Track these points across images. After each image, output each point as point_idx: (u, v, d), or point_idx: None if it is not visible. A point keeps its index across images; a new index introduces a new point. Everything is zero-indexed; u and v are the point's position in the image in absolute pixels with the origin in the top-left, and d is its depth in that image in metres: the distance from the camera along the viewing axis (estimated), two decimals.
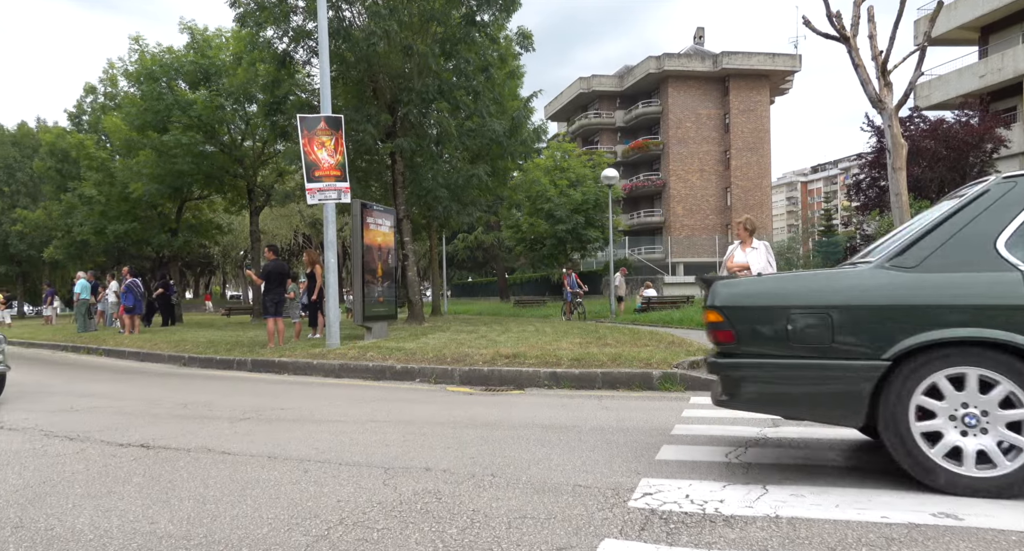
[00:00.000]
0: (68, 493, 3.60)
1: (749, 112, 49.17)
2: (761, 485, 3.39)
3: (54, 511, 3.27)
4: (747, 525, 2.82)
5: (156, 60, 22.86)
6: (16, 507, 3.36)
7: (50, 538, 2.89)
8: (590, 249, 32.37)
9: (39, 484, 3.81)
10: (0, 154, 39.38)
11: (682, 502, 3.13)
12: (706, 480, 3.51)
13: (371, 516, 3.06)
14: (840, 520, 2.85)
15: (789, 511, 2.97)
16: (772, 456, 4.01)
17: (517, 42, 18.43)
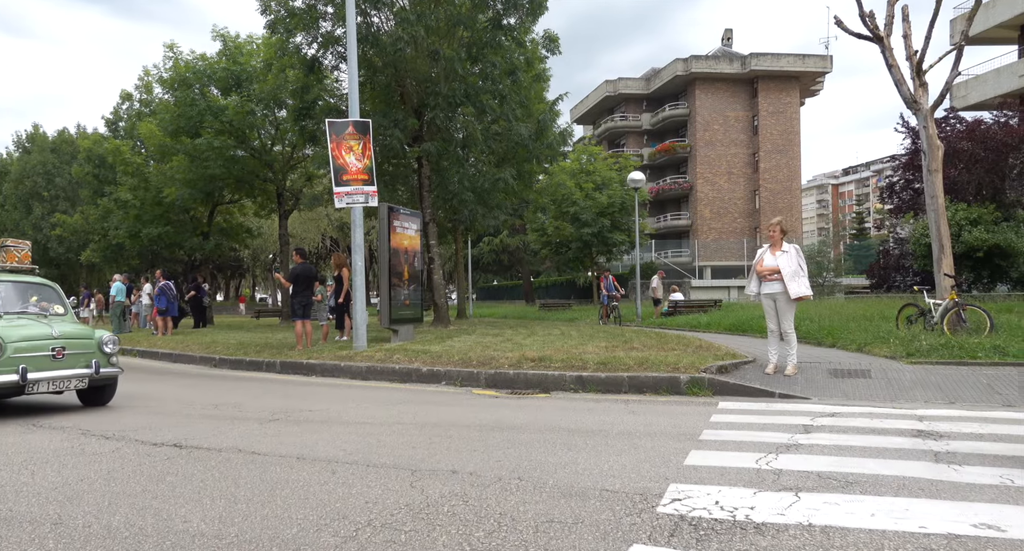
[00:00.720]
0: (104, 491, 3.68)
1: (778, 114, 48.53)
2: (793, 492, 3.33)
3: (91, 508, 3.34)
4: (779, 533, 2.77)
5: (189, 67, 23.35)
6: (55, 504, 3.44)
7: (87, 535, 2.95)
8: (616, 253, 32.16)
9: (77, 482, 3.90)
10: (40, 160, 40.53)
11: (712, 508, 3.09)
12: (736, 486, 3.45)
13: (399, 518, 3.07)
14: (876, 530, 2.78)
15: (823, 519, 2.91)
16: (804, 463, 3.93)
17: (543, 45, 18.44)
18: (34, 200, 40.35)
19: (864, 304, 19.03)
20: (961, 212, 21.55)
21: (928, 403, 6.15)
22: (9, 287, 7.22)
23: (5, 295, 7.13)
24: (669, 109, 50.83)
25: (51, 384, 6.32)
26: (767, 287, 7.75)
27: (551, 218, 31.06)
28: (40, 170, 40.10)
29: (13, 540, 2.90)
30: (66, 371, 6.43)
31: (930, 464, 3.86)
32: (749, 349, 10.01)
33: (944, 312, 10.44)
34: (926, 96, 11.95)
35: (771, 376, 7.59)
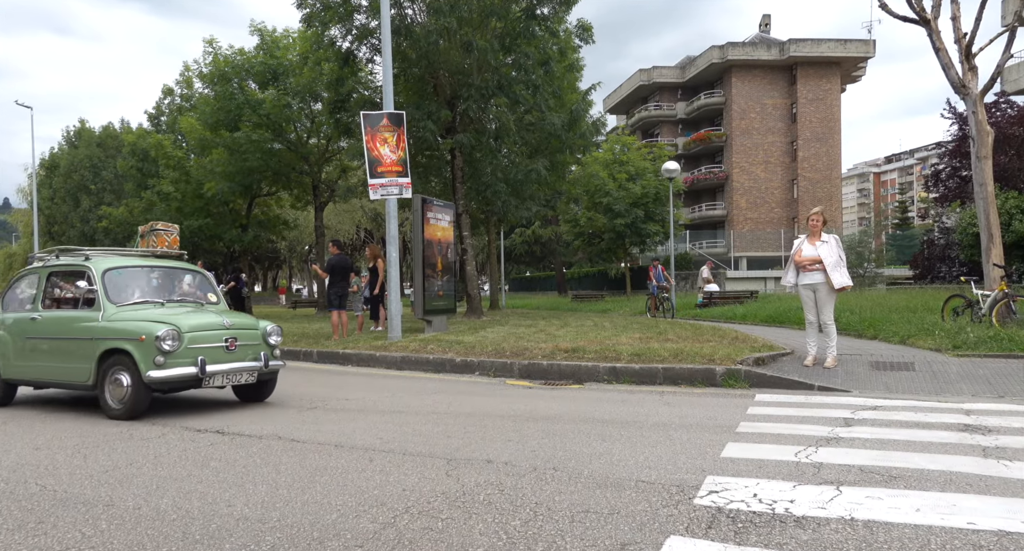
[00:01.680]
0: (152, 475, 3.80)
1: (818, 101, 47.31)
2: (834, 486, 3.27)
3: (140, 491, 3.46)
4: (820, 527, 2.72)
5: (228, 62, 23.77)
6: (107, 487, 3.56)
7: (137, 517, 3.05)
8: (649, 244, 31.83)
9: (126, 466, 4.03)
10: (87, 154, 41.76)
11: (750, 501, 3.05)
12: (775, 479, 3.41)
13: (435, 506, 3.11)
14: (922, 525, 2.72)
15: (865, 513, 2.86)
16: (845, 456, 3.86)
17: (577, 34, 18.27)
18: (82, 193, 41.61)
19: (907, 295, 18.52)
20: (1012, 200, 20.79)
21: (976, 397, 5.97)
22: (165, 273, 6.75)
23: (162, 281, 6.67)
24: (704, 97, 49.97)
25: (225, 378, 5.88)
26: (806, 278, 7.60)
27: (584, 209, 30.87)
28: (87, 164, 41.32)
29: (68, 520, 3.02)
30: (239, 363, 5.97)
31: (978, 459, 3.76)
32: (787, 341, 9.84)
33: (993, 303, 10.11)
34: (975, 80, 11.52)
35: (810, 368, 7.45)
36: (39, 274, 6.68)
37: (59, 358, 6.14)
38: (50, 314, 6.37)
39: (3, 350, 6.60)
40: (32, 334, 6.37)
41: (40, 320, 6.36)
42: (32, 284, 6.72)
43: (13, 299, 6.91)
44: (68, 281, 6.53)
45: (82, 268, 6.30)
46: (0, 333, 6.68)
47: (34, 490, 3.52)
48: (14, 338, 6.53)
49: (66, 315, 6.24)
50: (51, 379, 6.29)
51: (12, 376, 6.56)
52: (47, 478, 3.76)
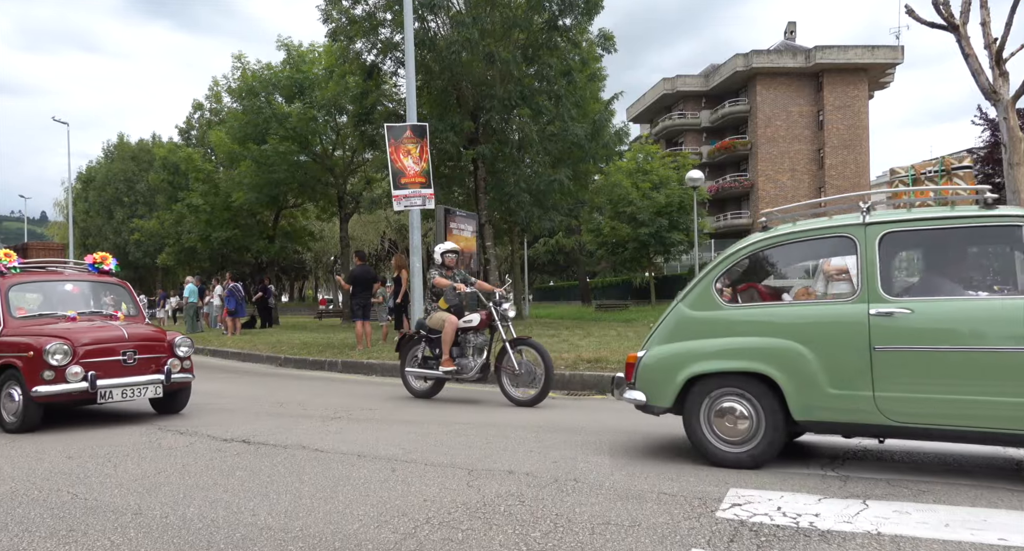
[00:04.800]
0: (179, 484, 3.86)
1: (845, 108, 46.71)
2: (860, 500, 3.21)
3: (167, 500, 3.52)
4: (846, 541, 2.68)
5: (256, 76, 24.25)
6: (135, 495, 3.64)
7: (164, 525, 3.11)
8: (674, 253, 31.61)
9: (154, 474, 4.11)
10: (121, 168, 42.82)
11: (774, 514, 3.01)
12: (799, 492, 3.36)
13: (456, 516, 3.12)
14: (951, 541, 2.66)
15: (893, 528, 2.80)
16: (873, 469, 3.79)
17: (599, 44, 18.33)
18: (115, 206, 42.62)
19: None
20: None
21: None
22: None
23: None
24: (729, 106, 49.65)
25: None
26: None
27: (607, 218, 30.78)
28: (121, 177, 42.35)
29: (98, 528, 3.09)
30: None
31: (1011, 474, 3.66)
32: None
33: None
34: (1006, 86, 11.30)
35: None
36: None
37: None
38: None
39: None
40: None
41: None
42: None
43: None
44: None
45: None
46: None
47: (66, 498, 3.60)
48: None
49: None
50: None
51: None
52: (78, 486, 3.85)
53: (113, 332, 6.05)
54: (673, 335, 4.18)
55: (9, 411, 5.74)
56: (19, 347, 5.74)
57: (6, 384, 5.80)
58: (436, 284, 7.29)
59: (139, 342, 6.08)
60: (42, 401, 5.60)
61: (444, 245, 7.70)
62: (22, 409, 5.62)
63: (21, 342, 5.77)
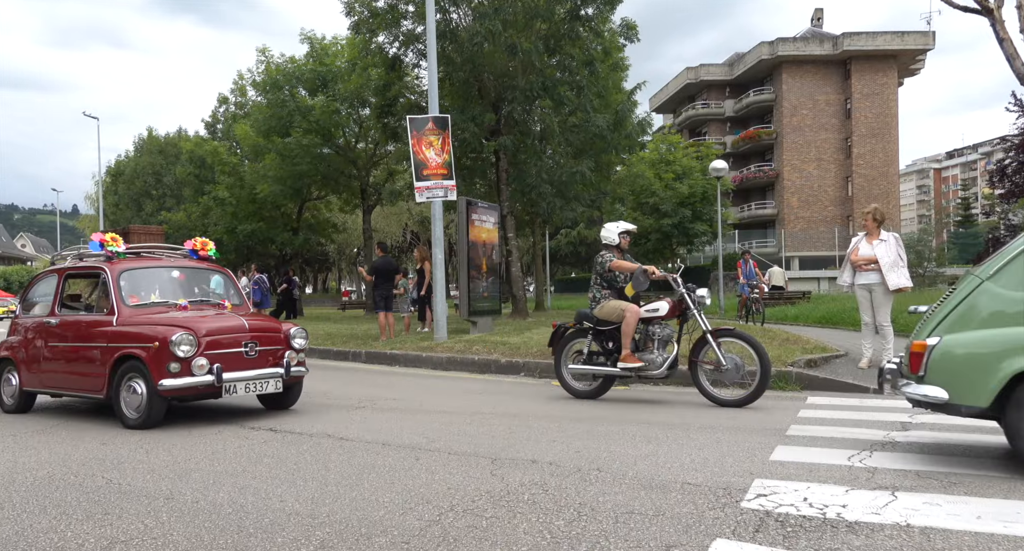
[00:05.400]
0: (209, 470, 3.94)
1: (874, 96, 45.76)
2: (889, 491, 3.17)
3: (198, 486, 3.60)
4: (874, 532, 2.65)
5: (280, 69, 24.44)
6: (167, 481, 3.72)
7: (195, 510, 3.18)
8: (697, 244, 31.34)
9: (185, 461, 4.20)
10: (149, 162, 43.50)
11: (800, 505, 2.99)
12: (826, 483, 3.32)
13: (480, 504, 3.14)
14: (983, 533, 2.61)
15: (922, 520, 2.76)
16: (901, 461, 3.73)
17: (621, 34, 18.13)
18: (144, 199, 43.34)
19: None
20: None
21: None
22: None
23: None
24: (753, 95, 48.93)
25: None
26: (862, 278, 7.38)
27: (629, 209, 30.60)
28: (150, 170, 43.03)
29: (132, 512, 3.17)
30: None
31: None
32: (841, 343, 9.56)
33: None
34: None
35: (865, 371, 7.23)
36: None
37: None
38: None
39: None
40: None
41: None
42: None
43: None
44: None
45: None
46: None
47: (100, 483, 3.70)
48: None
49: None
50: None
51: None
52: (112, 472, 3.94)
53: (234, 322, 5.64)
54: (981, 319, 3.50)
55: (131, 406, 5.32)
56: (141, 337, 5.33)
57: (127, 377, 5.37)
58: (616, 268, 6.37)
59: (259, 333, 5.70)
60: (168, 395, 5.24)
61: (619, 224, 6.70)
62: (146, 404, 5.22)
63: (143, 332, 5.35)
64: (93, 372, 5.59)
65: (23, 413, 6.30)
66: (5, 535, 2.88)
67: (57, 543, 2.77)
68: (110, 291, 5.71)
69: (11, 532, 2.92)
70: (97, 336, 5.63)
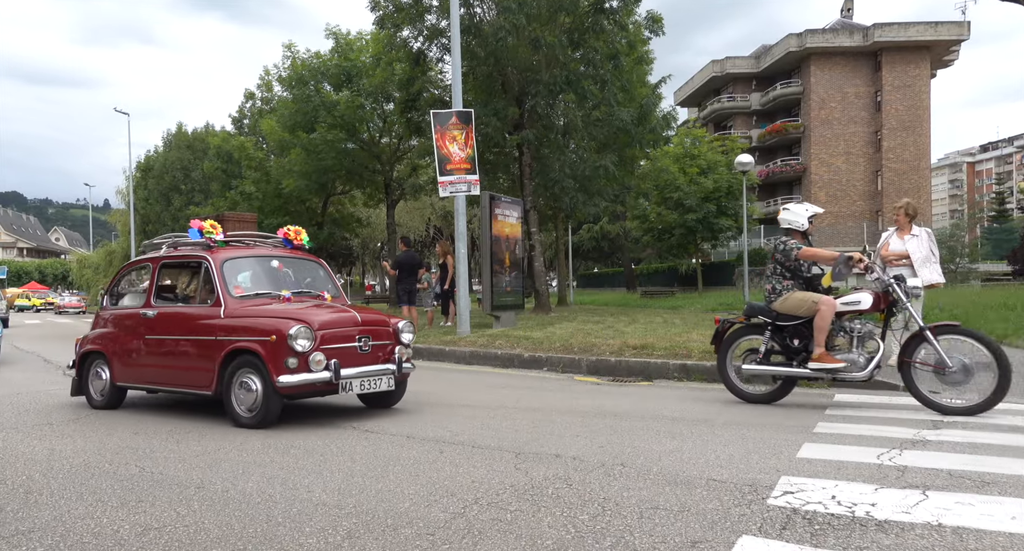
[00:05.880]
0: (238, 460, 4.01)
1: (905, 88, 44.79)
2: (920, 490, 3.12)
3: (228, 475, 3.66)
4: (904, 532, 2.61)
5: (305, 65, 24.67)
6: (198, 470, 3.79)
7: (226, 499, 3.24)
8: (722, 239, 30.99)
9: (215, 451, 4.28)
10: (178, 157, 44.19)
11: (828, 503, 2.95)
12: (855, 481, 3.28)
13: (504, 498, 3.15)
14: (1017, 534, 2.56)
15: (954, 520, 2.72)
16: (932, 460, 3.67)
17: (646, 27, 17.98)
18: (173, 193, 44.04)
19: (1004, 292, 17.34)
20: None
21: None
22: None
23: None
24: (781, 87, 48.19)
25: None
26: (892, 273, 7.25)
27: (653, 204, 30.37)
28: (178, 165, 43.72)
29: (164, 499, 3.24)
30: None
31: None
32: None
33: None
34: None
35: (895, 368, 7.10)
36: None
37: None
38: None
39: None
40: None
41: None
42: None
43: None
44: None
45: None
46: None
47: (134, 471, 3.78)
48: None
49: None
50: None
51: None
52: (145, 460, 4.03)
53: (347, 315, 5.30)
54: None
55: (245, 404, 4.98)
56: (255, 330, 4.96)
57: (239, 373, 5.01)
58: (808, 257, 5.60)
59: (371, 327, 5.35)
60: (287, 393, 4.91)
61: (807, 206, 5.90)
62: (262, 401, 4.89)
63: (258, 325, 5.00)
64: (199, 367, 5.23)
65: (113, 409, 5.97)
66: (44, 520, 2.96)
67: (94, 529, 2.84)
68: (214, 281, 5.35)
69: (50, 517, 3.00)
70: (203, 329, 5.27)
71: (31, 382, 8.09)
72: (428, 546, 2.57)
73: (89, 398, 6.14)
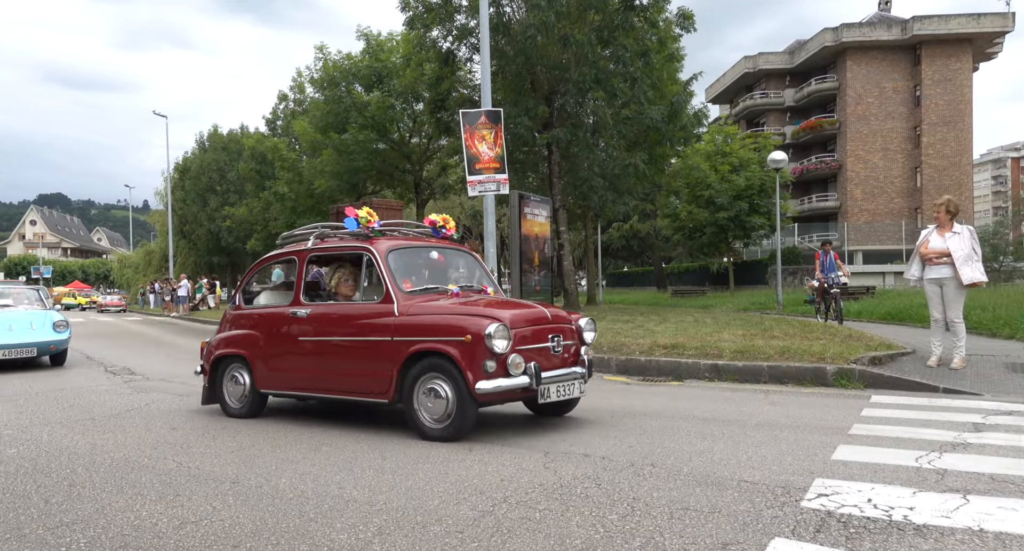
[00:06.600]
0: (271, 456, 4.08)
1: (946, 82, 43.54)
2: (960, 494, 3.04)
3: (261, 471, 3.73)
4: (943, 537, 2.54)
5: (337, 66, 24.96)
6: (233, 466, 3.87)
7: (259, 494, 3.30)
8: (754, 237, 30.55)
9: (249, 447, 4.36)
10: (214, 158, 45.11)
11: (863, 506, 2.89)
12: (892, 485, 3.21)
13: (533, 497, 3.15)
14: None
15: (996, 525, 2.64)
16: (974, 463, 3.57)
17: (677, 23, 17.81)
18: (209, 194, 44.97)
19: None
20: None
21: None
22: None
23: None
24: (816, 83, 47.26)
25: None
26: (932, 272, 7.06)
27: (684, 202, 30.06)
28: (214, 166, 44.62)
29: (201, 494, 3.31)
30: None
31: None
32: (908, 340, 9.18)
33: None
34: None
35: (934, 369, 6.92)
36: None
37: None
38: None
39: None
40: None
41: None
42: None
43: None
44: None
45: None
46: None
47: (172, 466, 3.88)
48: None
49: None
50: None
51: None
52: (182, 455, 4.13)
53: (537, 312, 4.73)
54: None
55: (433, 413, 4.40)
56: (444, 329, 4.40)
57: (423, 378, 4.44)
58: None
59: (560, 325, 4.78)
60: (485, 400, 4.33)
61: None
62: (456, 410, 4.30)
63: (445, 324, 4.43)
64: (371, 372, 4.63)
65: (252, 418, 5.39)
66: (87, 513, 3.06)
67: (133, 521, 2.92)
68: (381, 275, 4.78)
69: (92, 510, 3.09)
70: (373, 329, 4.67)
71: (75, 378, 8.34)
72: (457, 544, 2.59)
73: (224, 406, 5.56)
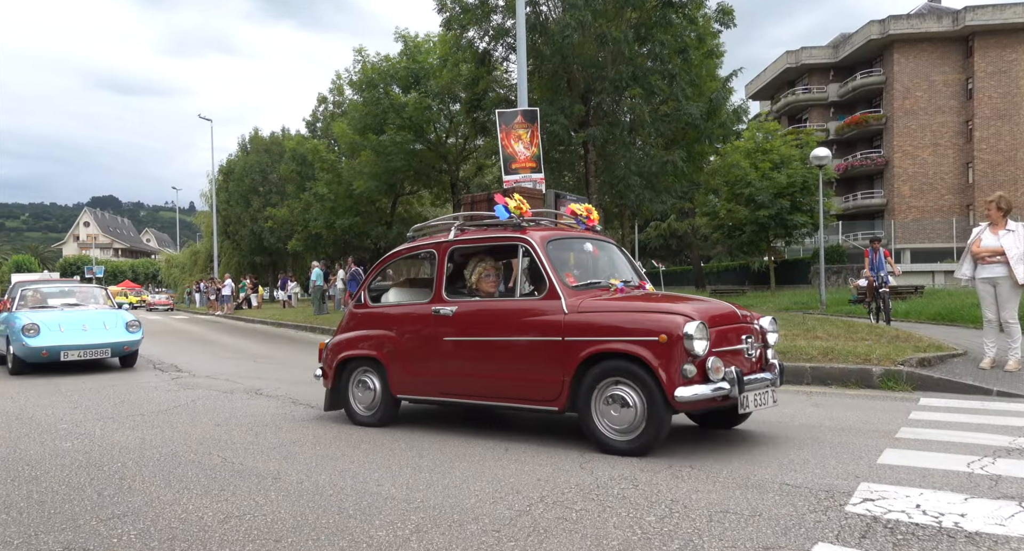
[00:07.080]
0: (311, 453, 4.16)
1: (1000, 74, 41.89)
2: (1015, 501, 2.92)
3: (302, 467, 3.80)
4: (997, 545, 2.45)
5: (375, 68, 25.28)
6: (275, 462, 3.96)
7: (300, 490, 3.36)
8: (796, 236, 29.88)
9: (290, 444, 4.45)
10: (256, 160, 46.13)
11: (911, 512, 2.80)
12: (942, 490, 3.10)
13: (569, 497, 3.14)
14: None
15: None
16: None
17: (716, 19, 17.54)
18: (252, 195, 46.01)
19: None
20: None
21: None
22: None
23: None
24: (861, 77, 45.95)
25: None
26: (985, 271, 6.81)
27: (723, 200, 29.57)
28: (256, 168, 45.65)
29: (244, 489, 3.39)
30: None
31: None
32: (958, 341, 8.86)
33: None
34: None
35: (987, 371, 6.67)
36: None
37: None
38: None
39: None
40: None
41: None
42: None
43: None
44: None
45: None
46: None
47: (216, 461, 3.98)
48: None
49: None
50: None
51: None
52: (226, 451, 4.23)
53: (727, 309, 4.22)
54: None
55: (618, 423, 3.91)
56: (629, 329, 3.89)
57: (603, 383, 3.96)
58: None
59: (751, 324, 4.26)
60: (683, 409, 3.86)
61: None
62: (646, 420, 3.81)
63: (629, 322, 3.93)
64: (537, 376, 4.19)
65: (384, 427, 4.92)
66: (136, 505, 3.16)
67: (180, 515, 3.01)
68: (543, 268, 4.32)
69: (141, 503, 3.19)
70: (538, 327, 4.22)
71: (125, 374, 8.63)
72: (493, 543, 2.59)
73: (351, 413, 5.09)
